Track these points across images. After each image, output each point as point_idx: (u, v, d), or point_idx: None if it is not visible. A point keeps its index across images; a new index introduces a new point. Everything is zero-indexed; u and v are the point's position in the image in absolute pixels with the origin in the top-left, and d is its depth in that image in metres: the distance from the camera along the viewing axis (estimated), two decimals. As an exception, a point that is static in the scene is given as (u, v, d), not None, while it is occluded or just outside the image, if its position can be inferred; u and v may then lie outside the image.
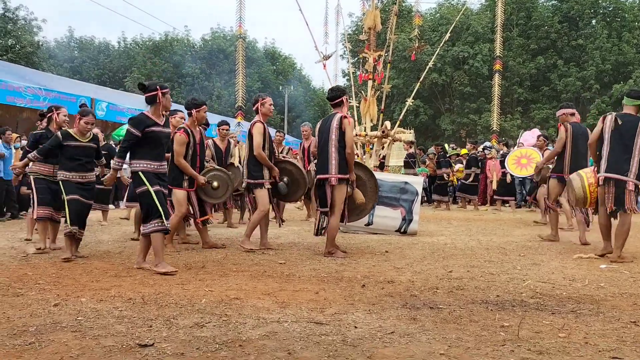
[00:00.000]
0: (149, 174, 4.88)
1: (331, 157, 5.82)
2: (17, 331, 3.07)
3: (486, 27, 31.37)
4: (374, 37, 9.12)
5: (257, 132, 6.13)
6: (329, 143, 5.84)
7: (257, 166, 6.19)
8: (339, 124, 5.82)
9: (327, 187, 5.88)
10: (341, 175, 5.82)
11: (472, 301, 3.95)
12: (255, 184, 6.22)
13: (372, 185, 6.36)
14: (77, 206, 5.51)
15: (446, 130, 32.18)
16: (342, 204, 5.90)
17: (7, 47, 24.91)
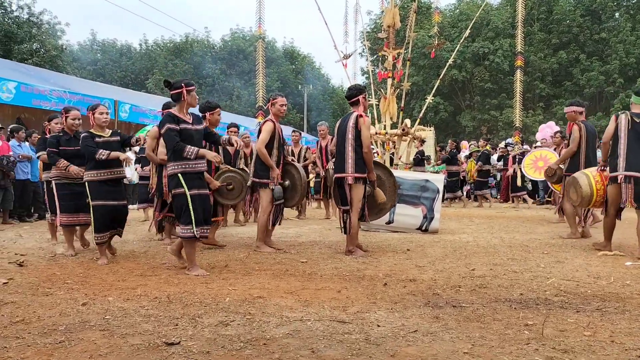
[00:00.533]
0: (188, 175, 4.79)
1: (348, 156, 5.83)
2: (47, 330, 3.15)
3: (506, 22, 31.06)
4: (393, 35, 9.10)
5: (265, 130, 6.13)
6: (345, 142, 5.86)
7: (263, 165, 6.18)
8: (355, 123, 5.83)
9: (345, 186, 5.90)
10: (358, 174, 5.82)
11: (495, 299, 3.93)
12: (261, 183, 6.23)
13: (391, 184, 6.35)
14: (105, 212, 5.44)
15: (467, 126, 31.93)
16: (360, 202, 5.90)
17: (32, 51, 25.37)
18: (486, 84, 31.26)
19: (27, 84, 11.87)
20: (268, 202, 6.23)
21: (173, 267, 5.23)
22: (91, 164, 5.47)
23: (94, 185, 5.44)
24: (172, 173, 4.82)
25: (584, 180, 6.28)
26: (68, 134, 6.03)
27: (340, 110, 42.76)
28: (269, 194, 6.22)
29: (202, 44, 40.01)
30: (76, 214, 5.96)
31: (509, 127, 29.15)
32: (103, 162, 5.43)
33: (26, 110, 12.52)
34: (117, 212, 5.56)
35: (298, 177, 6.56)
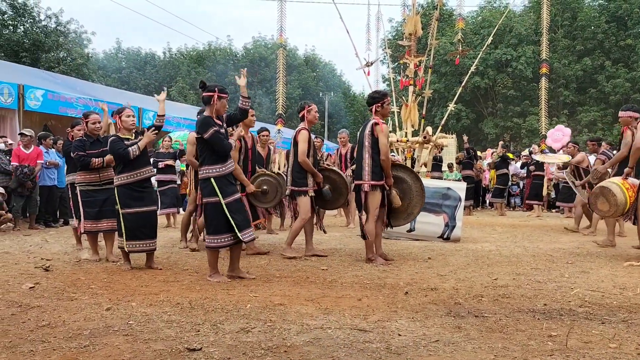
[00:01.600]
0: (221, 181, 4.80)
1: (365, 164, 5.83)
2: (72, 334, 3.21)
3: (529, 29, 30.76)
4: (415, 43, 9.09)
5: (302, 140, 6.17)
6: (363, 149, 5.87)
7: (301, 173, 6.24)
8: (371, 130, 5.83)
9: (362, 193, 5.90)
10: (374, 181, 5.80)
11: (518, 310, 3.88)
12: (299, 191, 6.28)
13: (418, 188, 6.32)
14: (135, 220, 5.38)
15: (489, 134, 31.65)
16: (376, 209, 5.88)
17: (59, 59, 25.93)
18: (509, 91, 30.97)
19: (54, 91, 12.13)
20: (308, 209, 6.25)
21: (195, 273, 5.28)
22: (120, 168, 5.45)
23: (124, 191, 5.39)
24: (205, 177, 4.82)
25: (616, 188, 6.12)
26: (91, 137, 6.09)
27: (362, 117, 42.75)
28: (307, 201, 6.25)
29: (225, 52, 40.45)
30: (99, 221, 6.00)
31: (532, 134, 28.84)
32: (133, 164, 5.39)
33: (53, 117, 12.78)
34: (147, 218, 5.49)
35: (339, 180, 6.66)
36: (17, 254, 6.45)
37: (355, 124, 38.62)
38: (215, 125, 4.79)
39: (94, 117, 6.16)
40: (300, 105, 6.52)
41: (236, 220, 4.76)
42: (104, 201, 5.94)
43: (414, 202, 6.25)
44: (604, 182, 6.47)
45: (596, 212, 6.75)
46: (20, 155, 9.30)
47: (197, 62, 39.50)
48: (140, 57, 43.92)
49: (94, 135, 6.11)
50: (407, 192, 6.20)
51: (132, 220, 5.38)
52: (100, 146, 6.01)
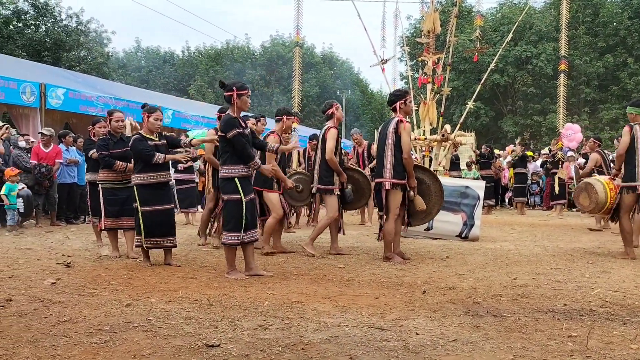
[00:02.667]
0: (244, 181, 4.87)
1: (387, 161, 5.80)
2: (93, 330, 3.25)
3: (550, 26, 30.34)
4: (433, 40, 9.03)
5: (331, 137, 6.14)
6: (385, 147, 5.84)
7: (328, 172, 6.21)
8: (395, 128, 5.80)
9: (382, 191, 5.87)
10: (396, 180, 5.77)
11: (537, 309, 3.84)
12: (326, 189, 6.26)
13: (437, 189, 6.30)
14: (153, 217, 5.43)
15: (509, 132, 31.31)
16: (397, 208, 5.86)
17: (80, 58, 26.26)
18: (529, 88, 30.60)
19: (75, 90, 12.28)
20: (335, 208, 6.25)
21: (213, 270, 5.31)
22: (139, 167, 5.48)
23: (142, 190, 5.44)
24: (228, 176, 4.85)
25: (599, 186, 6.35)
26: (115, 136, 6.11)
27: (379, 115, 42.60)
28: (335, 200, 6.25)
29: (243, 50, 40.60)
30: (119, 218, 6.03)
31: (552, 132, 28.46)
32: (153, 166, 5.43)
33: (74, 115, 12.95)
34: (165, 215, 5.54)
35: (362, 180, 6.68)
36: (39, 250, 6.56)
37: (372, 122, 38.50)
38: (239, 127, 4.83)
39: (118, 115, 6.18)
40: (327, 104, 6.46)
41: (247, 219, 4.83)
42: (125, 199, 5.97)
43: (432, 202, 6.23)
44: (590, 179, 6.59)
45: (577, 205, 6.91)
46: (40, 153, 9.42)
47: (215, 61, 39.71)
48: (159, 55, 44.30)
49: (117, 134, 6.14)
50: (426, 192, 6.18)
51: (150, 217, 5.43)
52: (123, 145, 6.02)
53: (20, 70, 12.15)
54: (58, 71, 16.31)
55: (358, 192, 6.62)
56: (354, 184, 6.57)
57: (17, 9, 25.28)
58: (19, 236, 8.01)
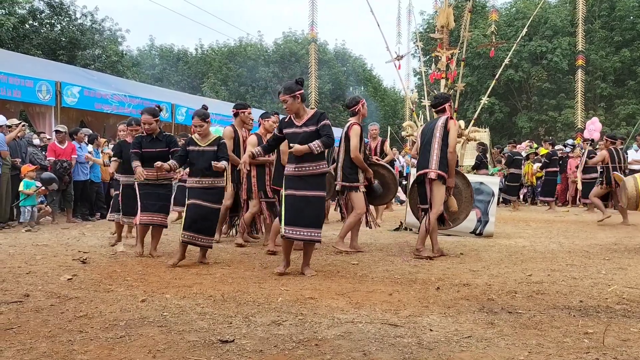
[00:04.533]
0: (287, 178, 4.89)
1: (433, 153, 5.84)
2: (108, 325, 3.29)
3: (565, 20, 29.99)
4: (447, 35, 8.97)
5: (355, 135, 6.09)
6: (432, 141, 5.88)
7: (352, 169, 6.17)
8: (445, 123, 5.89)
9: (426, 183, 5.86)
10: (441, 171, 5.78)
11: (553, 306, 3.81)
12: (351, 187, 6.22)
13: (468, 195, 6.34)
14: (195, 211, 5.38)
15: (523, 128, 31.03)
16: (442, 202, 5.86)
17: (95, 57, 26.47)
18: (544, 83, 30.29)
19: (90, 88, 12.39)
20: (362, 205, 6.21)
21: (227, 266, 5.33)
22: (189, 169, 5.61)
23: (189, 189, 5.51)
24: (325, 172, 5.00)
25: (630, 183, 6.41)
26: (150, 135, 5.99)
27: (392, 111, 42.42)
28: (361, 196, 6.23)
29: (255, 47, 40.62)
30: (154, 214, 5.92)
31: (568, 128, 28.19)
32: (199, 170, 5.44)
33: (89, 113, 13.08)
34: (208, 214, 5.47)
35: (388, 175, 6.68)
36: (55, 246, 6.64)
37: (385, 119, 38.32)
38: (293, 127, 4.87)
39: (145, 118, 5.99)
40: (354, 100, 6.36)
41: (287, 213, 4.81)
42: (159, 196, 5.94)
43: (462, 207, 6.26)
44: (629, 176, 6.68)
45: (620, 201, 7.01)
46: (57, 150, 9.56)
47: (229, 58, 39.76)
48: (173, 53, 44.47)
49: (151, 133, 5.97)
50: (457, 197, 6.21)
51: (192, 210, 5.38)
52: (158, 145, 5.93)
53: (36, 69, 12.29)
54: (73, 69, 16.47)
55: (384, 186, 6.61)
56: (380, 178, 6.55)
57: (32, 8, 25.52)
58: (36, 233, 8.12)
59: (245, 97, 34.75)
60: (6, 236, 7.59)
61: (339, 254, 6.09)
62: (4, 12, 23.31)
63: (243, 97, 33.83)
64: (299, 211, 4.78)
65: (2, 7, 23.38)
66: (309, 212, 4.83)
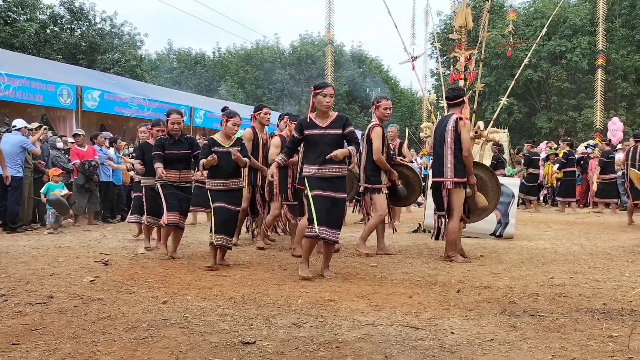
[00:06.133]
0: (310, 179, 4.85)
1: (447, 160, 5.71)
2: (131, 326, 3.32)
3: (585, 19, 29.61)
4: (465, 36, 8.91)
5: (377, 137, 6.05)
6: (444, 145, 5.74)
7: (375, 171, 6.13)
8: (455, 125, 5.70)
9: (443, 191, 5.78)
10: (458, 178, 5.68)
11: (576, 309, 3.76)
12: (373, 189, 6.18)
13: (494, 184, 6.24)
14: (223, 214, 5.34)
15: (543, 128, 30.69)
16: (461, 207, 5.77)
17: (114, 61, 26.81)
18: (563, 83, 29.93)
19: (110, 92, 12.56)
20: (384, 207, 6.17)
21: (246, 268, 5.36)
22: (210, 171, 5.40)
23: (213, 192, 5.41)
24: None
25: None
26: (173, 137, 5.98)
27: (409, 113, 42.24)
28: (383, 198, 6.18)
29: (272, 50, 40.77)
30: (178, 214, 5.90)
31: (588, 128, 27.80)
32: (222, 174, 5.36)
33: (109, 117, 13.25)
34: (233, 215, 5.50)
35: (412, 176, 6.63)
36: (77, 248, 6.73)
37: (402, 120, 38.18)
38: (317, 128, 4.85)
39: (174, 118, 6.02)
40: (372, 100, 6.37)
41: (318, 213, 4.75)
42: (182, 198, 5.96)
43: (489, 197, 6.17)
44: None
45: None
46: (80, 153, 9.73)
47: (245, 61, 39.96)
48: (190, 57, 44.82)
49: (175, 135, 5.99)
50: (483, 188, 6.13)
51: (221, 213, 5.33)
52: (181, 147, 5.96)
53: (57, 74, 12.49)
54: (93, 74, 16.69)
55: (408, 188, 6.54)
56: (404, 179, 6.48)
57: (53, 13, 25.96)
58: (58, 235, 8.24)
59: (262, 99, 34.90)
60: (29, 238, 7.71)
61: (357, 256, 6.07)
62: (26, 17, 23.72)
63: (260, 100, 33.99)
64: (328, 211, 4.76)
65: (23, 13, 23.79)
66: (335, 213, 4.82)
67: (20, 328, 3.28)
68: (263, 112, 6.81)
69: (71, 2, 26.01)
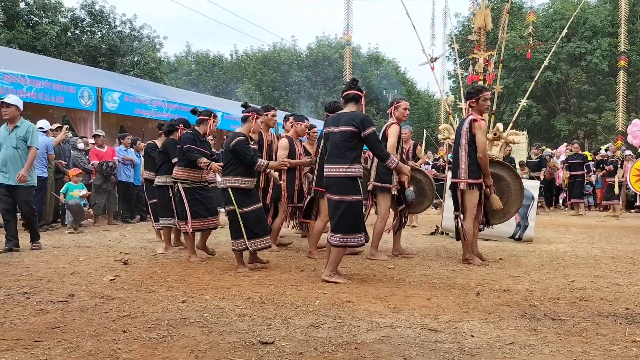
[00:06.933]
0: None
1: (461, 161, 5.68)
2: (151, 325, 3.35)
3: (605, 21, 29.23)
4: (484, 37, 8.84)
5: (393, 134, 5.98)
6: (459, 147, 5.72)
7: (387, 169, 5.98)
8: (469, 126, 5.67)
9: (458, 192, 5.74)
10: (471, 180, 5.63)
11: (598, 313, 3.71)
12: (382, 187, 6.07)
13: (517, 186, 6.15)
14: (255, 218, 5.21)
15: (562, 131, 30.36)
16: (474, 208, 5.70)
17: (134, 63, 27.12)
18: (583, 85, 29.57)
19: (130, 94, 12.68)
20: (386, 208, 6.11)
21: (263, 269, 5.36)
22: (239, 170, 5.19)
23: (237, 192, 5.18)
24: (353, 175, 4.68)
25: None
26: (201, 135, 5.93)
27: (426, 114, 42.06)
28: (388, 200, 6.10)
29: (289, 52, 40.89)
30: (207, 219, 5.84)
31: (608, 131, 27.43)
32: (250, 170, 5.25)
33: (129, 118, 13.37)
34: (261, 215, 5.37)
35: (426, 182, 6.54)
36: (97, 248, 6.81)
37: (419, 122, 38.05)
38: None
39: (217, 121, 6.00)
40: (389, 101, 6.34)
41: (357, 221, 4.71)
42: (207, 198, 5.91)
43: (511, 200, 6.09)
44: None
45: None
46: (99, 154, 9.86)
47: (263, 63, 40.14)
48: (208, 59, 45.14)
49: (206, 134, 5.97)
50: (505, 190, 6.05)
51: (251, 218, 5.20)
52: (208, 147, 5.94)
53: (78, 76, 12.65)
54: (113, 76, 16.88)
55: (420, 193, 6.42)
56: (416, 184, 6.35)
57: (74, 16, 26.35)
58: (79, 234, 8.34)
59: (279, 101, 35.02)
60: (50, 237, 7.82)
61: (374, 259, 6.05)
62: (48, 20, 24.10)
63: (277, 102, 34.12)
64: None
65: (45, 16, 24.18)
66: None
67: (42, 325, 3.32)
68: (271, 114, 6.59)
69: (92, 5, 26.38)
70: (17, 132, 6.49)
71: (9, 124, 6.55)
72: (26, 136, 6.52)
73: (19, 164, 6.44)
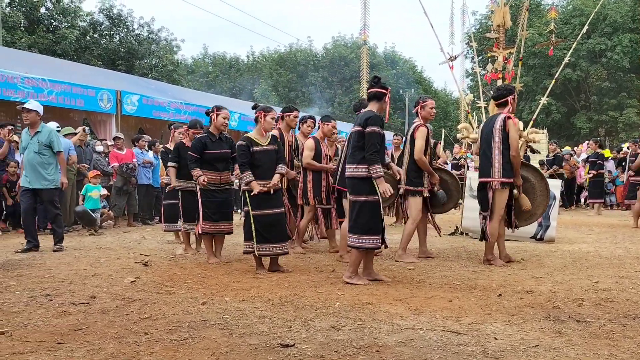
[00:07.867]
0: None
1: (494, 160, 5.57)
2: (172, 327, 3.35)
3: (626, 16, 28.76)
4: (504, 35, 8.74)
5: (421, 136, 5.91)
6: (492, 145, 5.61)
7: (417, 172, 5.95)
8: (503, 124, 5.57)
9: (489, 191, 5.65)
10: (505, 179, 5.54)
11: (624, 315, 3.63)
12: (414, 191, 6.00)
13: (542, 188, 6.07)
14: (266, 222, 5.12)
15: (582, 129, 29.93)
16: (502, 209, 5.63)
17: (152, 66, 27.41)
18: (603, 82, 29.13)
19: (148, 96, 12.80)
20: (418, 210, 6.01)
21: (287, 270, 5.32)
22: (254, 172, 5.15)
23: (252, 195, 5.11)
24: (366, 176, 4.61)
25: None
26: (214, 135, 5.81)
27: (443, 113, 41.79)
28: (419, 202, 6.02)
29: (305, 53, 40.95)
30: (218, 223, 5.79)
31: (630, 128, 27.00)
32: (263, 173, 5.14)
33: (147, 121, 13.50)
34: (276, 220, 5.21)
35: (452, 183, 6.49)
36: (118, 249, 6.86)
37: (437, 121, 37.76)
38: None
39: (226, 112, 5.86)
40: (416, 100, 6.26)
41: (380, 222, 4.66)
42: (222, 202, 5.82)
43: (537, 202, 6.01)
44: None
45: None
46: (118, 156, 9.95)
47: (279, 64, 40.27)
48: (225, 61, 45.43)
49: (219, 132, 5.83)
50: (530, 191, 5.97)
51: (263, 222, 5.11)
52: (222, 146, 5.80)
53: (97, 79, 12.81)
54: (132, 78, 17.06)
55: (447, 193, 6.34)
56: (442, 184, 6.28)
57: (93, 20, 26.69)
58: (99, 236, 8.42)
59: (295, 102, 35.06)
60: (71, 239, 7.91)
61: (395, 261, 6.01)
62: (67, 25, 24.44)
63: (293, 102, 34.15)
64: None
65: (65, 20, 24.52)
66: None
67: (65, 327, 3.35)
68: (293, 115, 6.52)
69: (110, 9, 26.71)
70: (39, 137, 6.58)
71: (30, 128, 6.65)
72: (49, 142, 6.60)
73: (40, 169, 6.53)
